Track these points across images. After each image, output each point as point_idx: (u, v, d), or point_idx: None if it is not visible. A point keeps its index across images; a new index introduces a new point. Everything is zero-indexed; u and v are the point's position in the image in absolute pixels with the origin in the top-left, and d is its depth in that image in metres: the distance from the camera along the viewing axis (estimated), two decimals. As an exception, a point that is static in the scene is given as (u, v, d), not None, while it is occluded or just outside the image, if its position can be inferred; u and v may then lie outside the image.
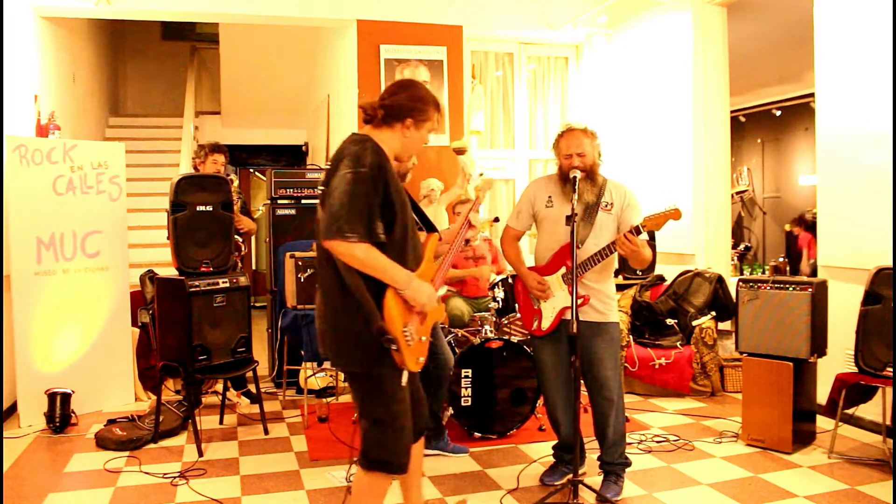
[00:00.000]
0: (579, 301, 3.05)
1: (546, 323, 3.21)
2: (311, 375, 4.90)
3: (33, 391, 4.30)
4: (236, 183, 5.32)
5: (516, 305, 4.27)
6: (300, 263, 4.47)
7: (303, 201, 5.33)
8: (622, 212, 3.16)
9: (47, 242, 4.44)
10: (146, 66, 10.84)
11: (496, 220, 3.67)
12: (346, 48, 6.00)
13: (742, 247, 8.87)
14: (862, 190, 4.06)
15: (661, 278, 5.43)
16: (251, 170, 10.99)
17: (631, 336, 5.05)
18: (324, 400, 4.84)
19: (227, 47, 8.66)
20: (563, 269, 3.16)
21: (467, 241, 3.66)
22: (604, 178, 3.20)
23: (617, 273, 5.18)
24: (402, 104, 2.35)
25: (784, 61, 7.35)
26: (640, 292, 5.30)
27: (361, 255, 2.15)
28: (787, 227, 8.25)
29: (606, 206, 3.16)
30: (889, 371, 3.47)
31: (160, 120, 9.41)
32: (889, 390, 3.62)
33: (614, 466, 3.25)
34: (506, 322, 4.38)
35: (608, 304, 3.19)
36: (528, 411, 4.02)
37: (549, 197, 3.23)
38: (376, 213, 2.20)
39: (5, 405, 4.36)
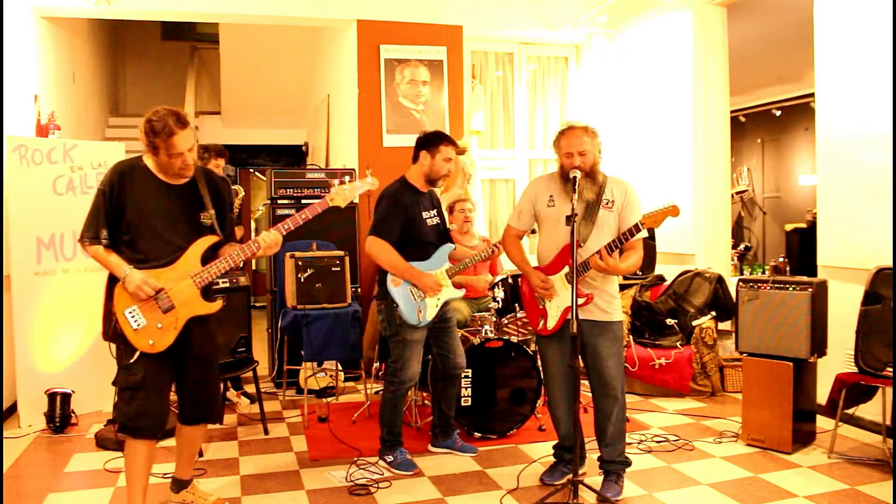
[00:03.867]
0: (583, 300, 3.05)
1: (552, 322, 3.22)
2: (311, 375, 4.89)
3: (33, 391, 4.30)
4: (241, 195, 5.33)
5: (516, 306, 4.30)
6: (300, 263, 4.48)
7: (303, 201, 5.32)
8: (622, 210, 3.16)
9: (47, 242, 4.44)
10: (146, 66, 10.84)
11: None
12: (346, 48, 6.00)
13: (742, 247, 8.86)
14: (862, 190, 4.06)
15: (661, 278, 5.43)
16: (251, 170, 10.99)
17: (631, 336, 5.05)
18: (324, 400, 4.85)
19: (227, 47, 8.66)
20: (567, 269, 3.16)
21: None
22: (604, 176, 3.20)
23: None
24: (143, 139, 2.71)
25: (784, 61, 7.34)
26: (640, 292, 5.30)
27: (91, 254, 2.76)
28: (788, 228, 8.24)
29: (608, 203, 3.15)
30: (889, 371, 3.47)
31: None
32: (889, 390, 3.62)
33: (614, 466, 3.25)
34: (506, 322, 4.38)
35: (611, 302, 3.19)
36: (528, 411, 4.02)
37: (551, 196, 3.23)
38: (102, 222, 2.72)
39: (5, 405, 4.36)
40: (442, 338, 3.70)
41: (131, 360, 2.74)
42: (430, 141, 3.64)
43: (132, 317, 2.70)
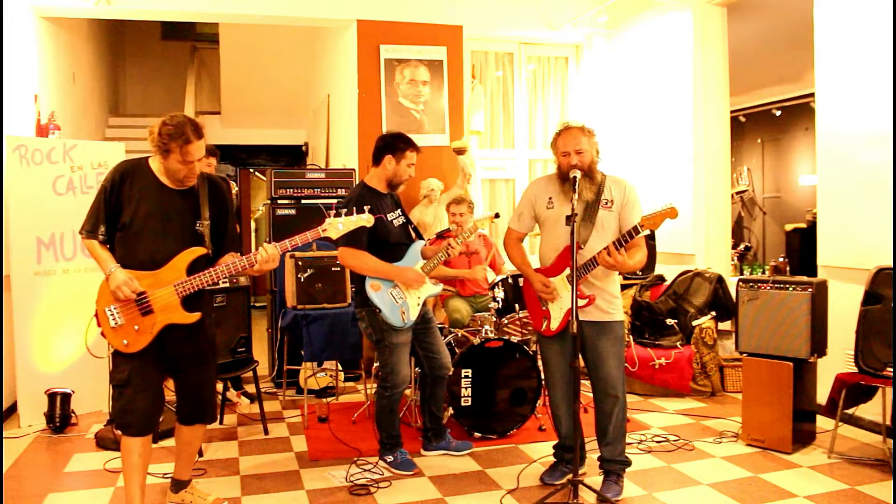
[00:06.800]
0: (585, 301, 3.05)
1: (555, 324, 3.22)
2: (311, 375, 4.89)
3: (33, 391, 4.30)
4: (234, 189, 5.31)
5: (516, 306, 4.30)
6: (300, 263, 4.48)
7: (303, 201, 5.32)
8: (622, 209, 3.15)
9: (47, 242, 4.44)
10: (146, 66, 10.83)
11: (496, 216, 3.68)
12: (346, 48, 6.00)
13: (742, 247, 8.86)
14: (862, 190, 4.05)
15: (661, 278, 5.43)
16: (251, 170, 10.99)
17: (631, 336, 5.05)
18: (324, 400, 4.85)
19: (227, 47, 8.66)
20: (568, 270, 3.16)
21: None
22: (603, 175, 3.20)
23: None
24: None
25: (784, 61, 7.34)
26: (640, 292, 5.30)
27: (86, 246, 2.82)
28: (788, 228, 8.24)
29: (607, 203, 3.15)
30: (889, 371, 3.47)
31: (160, 120, 9.39)
32: (889, 390, 3.62)
33: (614, 465, 3.25)
34: (506, 322, 4.38)
35: (613, 302, 3.19)
36: (528, 411, 4.02)
37: (550, 198, 3.23)
38: (101, 218, 2.79)
39: (5, 405, 4.36)
40: (425, 339, 3.68)
41: (101, 355, 2.78)
42: (397, 146, 3.56)
43: (111, 314, 2.75)
